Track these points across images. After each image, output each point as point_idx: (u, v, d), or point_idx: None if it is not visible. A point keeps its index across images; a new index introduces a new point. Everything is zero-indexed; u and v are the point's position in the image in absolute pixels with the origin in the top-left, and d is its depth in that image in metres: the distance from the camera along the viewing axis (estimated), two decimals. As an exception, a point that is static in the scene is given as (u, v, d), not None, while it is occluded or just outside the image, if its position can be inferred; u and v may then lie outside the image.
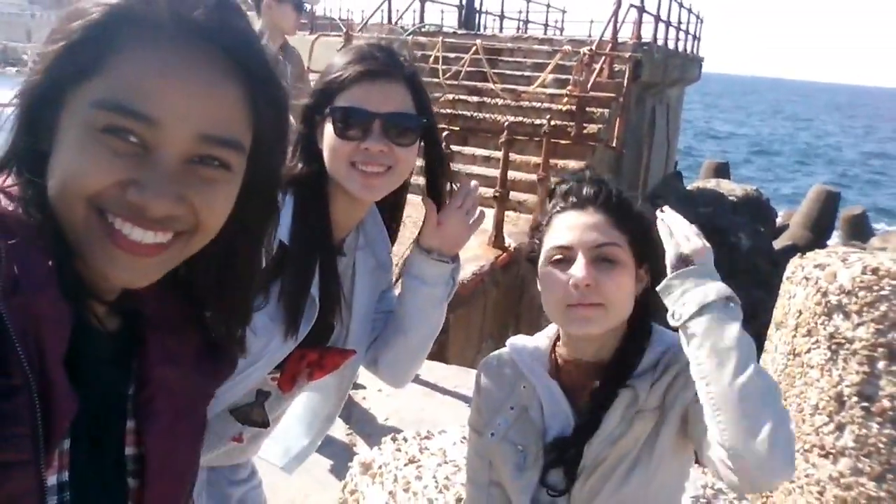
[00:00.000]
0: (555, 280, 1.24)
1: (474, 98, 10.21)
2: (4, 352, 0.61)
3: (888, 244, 16.78)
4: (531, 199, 7.76)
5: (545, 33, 17.25)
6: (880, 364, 1.99)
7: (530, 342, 1.39)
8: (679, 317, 1.13)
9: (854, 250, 2.40)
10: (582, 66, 9.41)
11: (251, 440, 1.48)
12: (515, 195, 7.55)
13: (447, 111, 9.75)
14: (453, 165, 1.48)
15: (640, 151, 12.32)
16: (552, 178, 7.29)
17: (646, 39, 11.56)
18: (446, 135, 6.07)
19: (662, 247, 1.28)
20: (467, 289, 5.81)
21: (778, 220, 18.72)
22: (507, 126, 6.93)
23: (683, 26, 15.63)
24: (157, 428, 0.81)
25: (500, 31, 16.29)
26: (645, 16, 11.50)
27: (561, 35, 16.43)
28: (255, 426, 1.44)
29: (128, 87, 0.67)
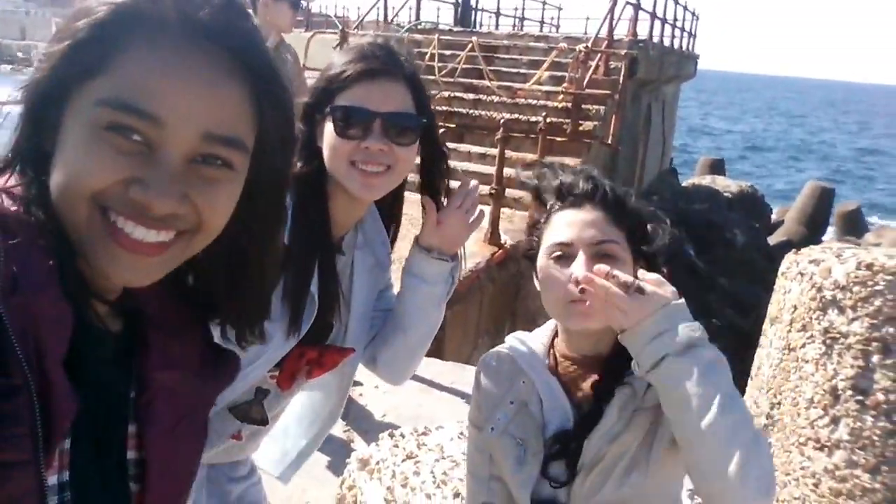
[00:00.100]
0: (555, 276, 1.25)
1: (470, 95, 10.21)
2: (4, 352, 0.61)
3: (882, 239, 16.82)
4: (527, 196, 7.65)
5: (541, 30, 17.20)
6: (874, 358, 2.00)
7: (529, 338, 1.40)
8: (639, 369, 1.15)
9: (848, 246, 2.41)
10: (578, 64, 9.41)
11: (250, 438, 1.49)
12: (511, 192, 7.54)
13: (443, 108, 9.75)
14: (449, 163, 1.49)
15: (636, 148, 12.32)
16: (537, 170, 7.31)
17: (641, 36, 11.53)
18: (442, 132, 6.06)
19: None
20: (463, 285, 5.81)
21: (773, 216, 18.77)
22: (503, 123, 6.93)
23: (679, 23, 15.63)
24: (157, 431, 0.81)
25: (496, 28, 16.26)
26: (641, 13, 11.49)
27: (557, 32, 16.43)
28: (254, 424, 1.45)
29: (132, 86, 0.68)
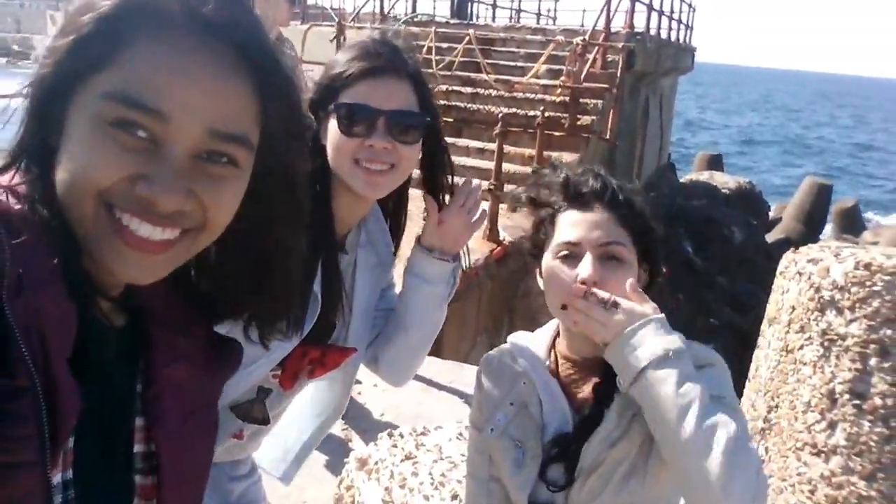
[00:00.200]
0: (560, 276, 1.25)
1: (468, 89, 10.17)
2: (9, 352, 0.61)
3: (880, 238, 16.83)
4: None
5: (538, 23, 17.17)
6: (872, 361, 1.99)
7: (531, 339, 1.40)
8: (622, 384, 1.17)
9: (847, 245, 2.40)
10: (575, 57, 9.37)
11: (251, 437, 1.49)
12: (510, 188, 7.53)
13: (441, 102, 9.69)
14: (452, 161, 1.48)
15: (634, 143, 12.30)
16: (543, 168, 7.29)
17: (639, 29, 11.49)
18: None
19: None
20: (462, 282, 5.73)
21: (770, 213, 18.76)
22: (502, 118, 6.91)
23: (676, 15, 15.59)
24: (166, 426, 0.81)
25: (493, 20, 16.20)
26: (637, 4, 11.44)
27: (554, 24, 16.38)
28: (256, 423, 1.44)
29: (138, 81, 0.67)
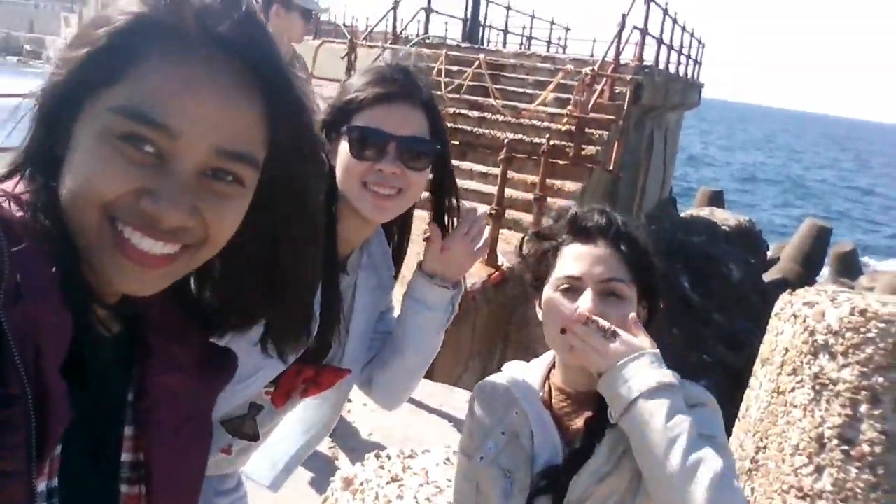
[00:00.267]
0: (559, 308, 1.25)
1: (475, 113, 10.23)
2: (2, 361, 0.60)
3: (876, 283, 16.84)
4: (527, 217, 7.76)
5: (548, 50, 17.32)
6: (863, 407, 2.00)
7: (526, 369, 1.40)
8: (613, 415, 1.19)
9: (843, 290, 2.41)
10: (583, 87, 9.45)
11: (240, 453, 1.48)
12: (511, 213, 7.54)
13: (448, 125, 9.71)
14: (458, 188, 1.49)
15: (637, 175, 12.36)
16: (549, 200, 7.32)
17: (648, 62, 11.58)
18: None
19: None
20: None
21: (769, 252, 18.77)
22: (507, 143, 6.94)
23: (685, 50, 15.71)
24: (159, 435, 0.81)
25: (504, 46, 16.34)
26: (647, 38, 11.53)
27: (563, 53, 16.52)
28: (246, 439, 1.44)
29: (148, 96, 0.68)
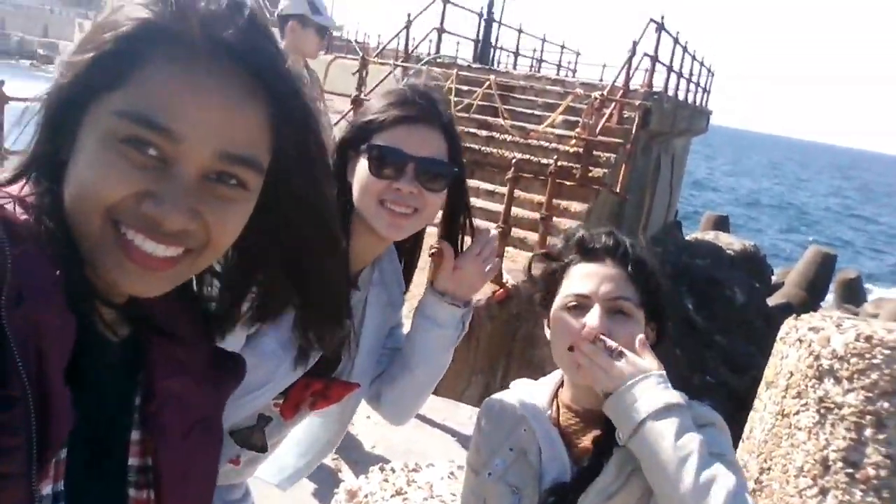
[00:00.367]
0: (566, 326, 1.27)
1: (483, 132, 10.28)
2: (4, 363, 0.60)
3: (881, 310, 16.81)
4: (532, 236, 7.79)
5: (558, 74, 17.43)
6: (867, 431, 2.01)
7: (534, 386, 1.41)
8: (622, 436, 1.18)
9: (849, 316, 2.43)
10: (592, 110, 9.50)
11: (248, 464, 1.49)
12: (517, 232, 7.58)
13: (457, 143, 9.78)
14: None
15: (643, 198, 12.39)
16: (555, 220, 7.35)
17: (657, 88, 11.65)
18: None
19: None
20: (462, 321, 5.79)
21: (773, 278, 18.75)
22: (515, 163, 6.98)
23: (694, 78, 15.80)
24: (168, 440, 0.81)
25: (514, 68, 16.45)
26: (657, 65, 11.61)
27: (573, 76, 16.63)
28: (254, 450, 1.45)
29: (152, 100, 0.68)
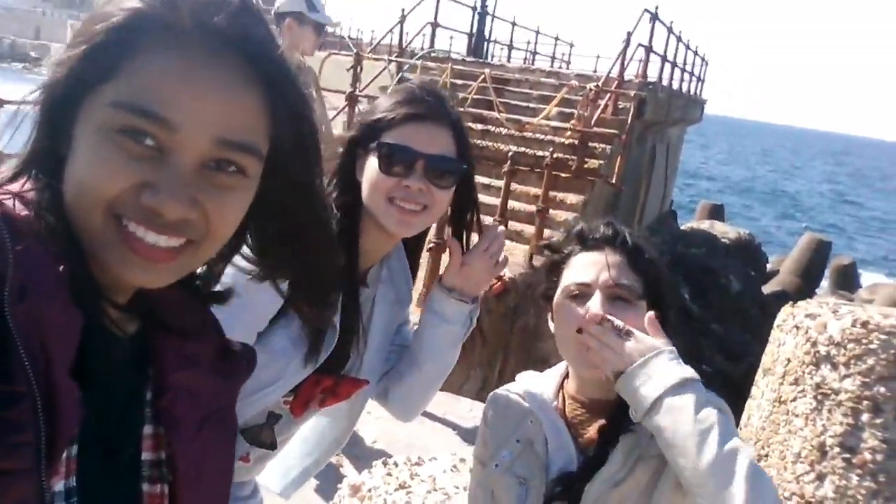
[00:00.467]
0: (571, 313, 1.28)
1: (479, 126, 10.25)
2: (8, 359, 0.60)
3: (876, 295, 16.87)
4: (529, 229, 7.81)
5: (552, 66, 17.41)
6: (864, 416, 2.02)
7: (540, 378, 1.43)
8: (636, 414, 1.19)
9: (844, 302, 2.44)
10: (587, 102, 9.49)
11: (257, 461, 1.50)
12: (514, 225, 7.58)
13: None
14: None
15: (638, 188, 12.40)
16: (551, 212, 7.36)
17: (651, 79, 11.63)
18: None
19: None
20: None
21: (768, 265, 18.79)
22: (511, 156, 6.99)
23: (689, 68, 15.81)
24: (181, 433, 0.81)
25: (509, 61, 16.42)
26: (651, 55, 11.60)
27: (567, 68, 16.59)
28: (264, 447, 1.46)
29: (146, 90, 0.68)
